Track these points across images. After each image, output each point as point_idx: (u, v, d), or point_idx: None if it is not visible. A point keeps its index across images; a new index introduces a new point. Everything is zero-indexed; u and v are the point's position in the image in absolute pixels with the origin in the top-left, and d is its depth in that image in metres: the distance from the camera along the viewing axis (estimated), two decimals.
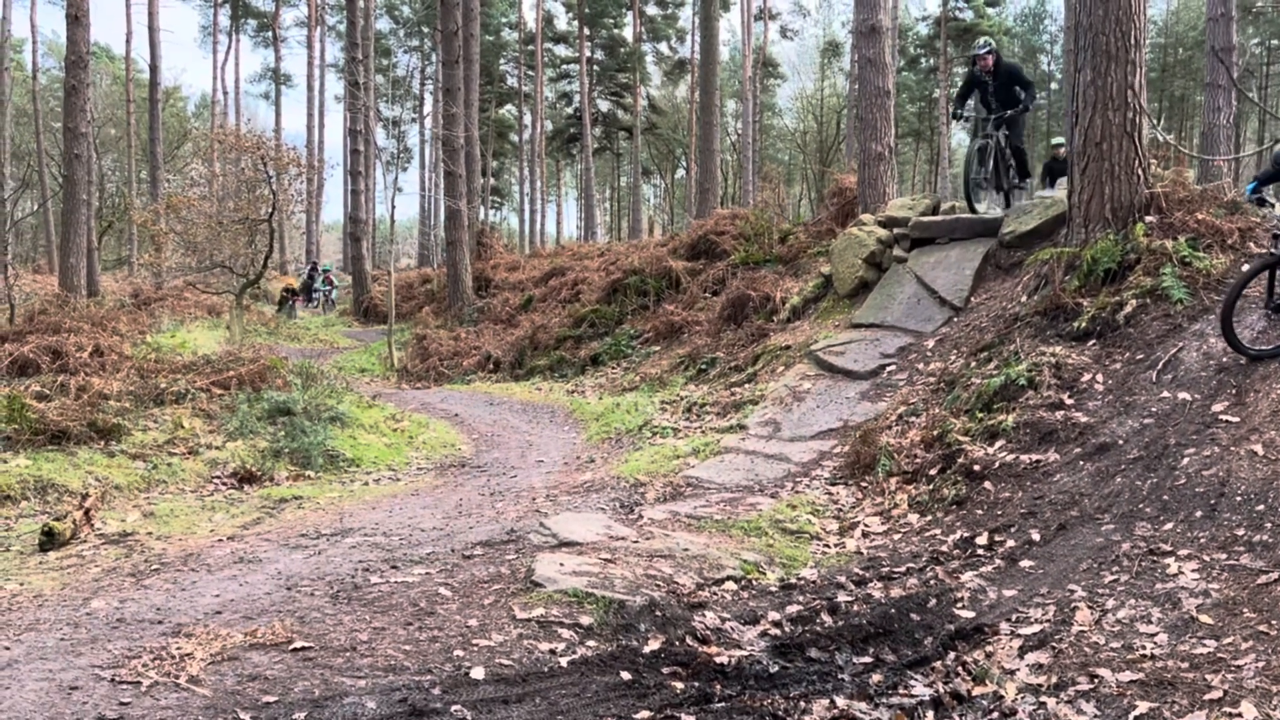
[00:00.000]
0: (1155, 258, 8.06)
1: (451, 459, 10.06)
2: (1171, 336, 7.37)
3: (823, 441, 8.74)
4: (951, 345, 9.30)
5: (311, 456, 9.13)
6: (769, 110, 55.86)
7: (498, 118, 55.02)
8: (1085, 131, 8.80)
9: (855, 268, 11.39)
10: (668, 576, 5.65)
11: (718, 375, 11.67)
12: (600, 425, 11.03)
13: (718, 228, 16.44)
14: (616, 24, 52.79)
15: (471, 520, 7.13)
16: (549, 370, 15.16)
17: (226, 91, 48.65)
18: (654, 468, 8.56)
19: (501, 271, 21.95)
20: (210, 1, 46.34)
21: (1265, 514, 5.31)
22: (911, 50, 50.79)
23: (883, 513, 7.10)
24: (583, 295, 17.20)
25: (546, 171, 60.50)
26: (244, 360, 10.84)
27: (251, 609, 4.84)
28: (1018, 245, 10.03)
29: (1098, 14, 8.71)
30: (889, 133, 14.19)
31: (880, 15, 14.27)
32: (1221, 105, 17.95)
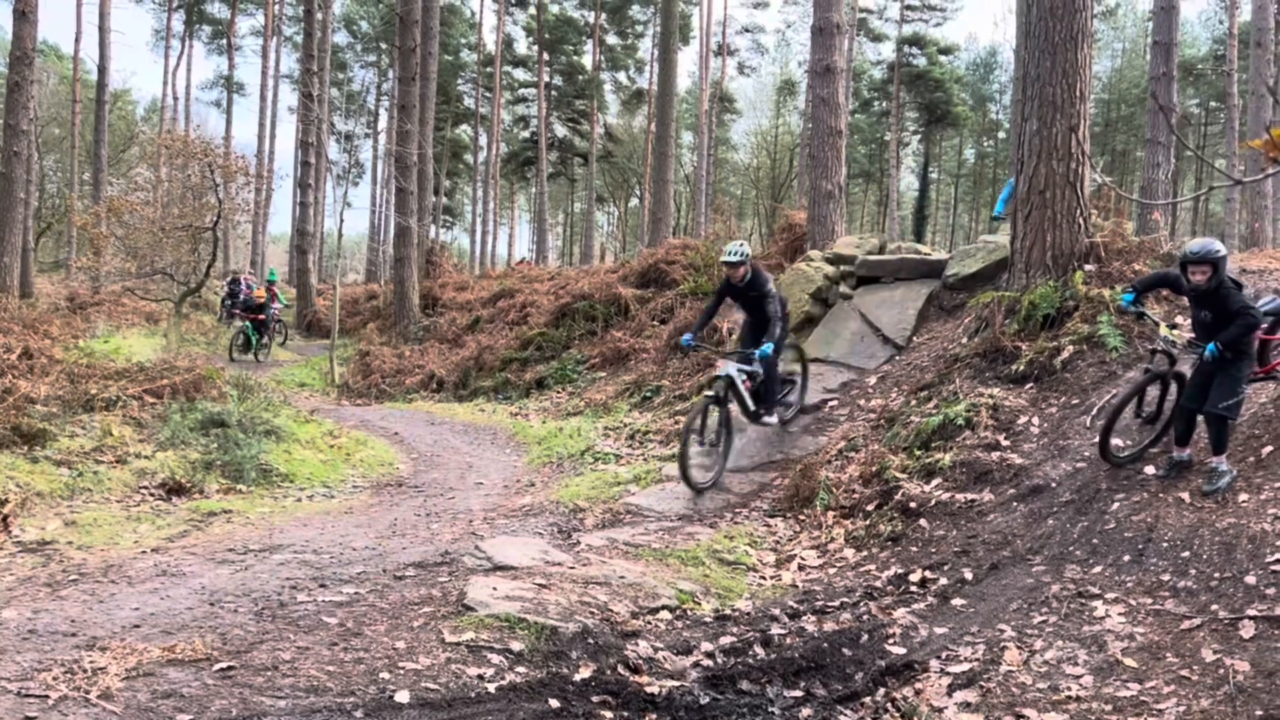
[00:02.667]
0: (1093, 305, 8.23)
1: (389, 478, 9.91)
2: (1106, 383, 7.53)
3: (763, 474, 8.76)
4: (893, 383, 9.40)
5: (244, 470, 8.93)
6: (724, 144, 56.43)
7: (453, 137, 54.84)
8: (1030, 179, 9.00)
9: (802, 303, 11.49)
10: (603, 604, 5.60)
11: (662, 403, 11.67)
12: (542, 449, 10.95)
13: (668, 257, 16.50)
14: (576, 51, 53.03)
15: (405, 541, 7.02)
16: (493, 392, 15.05)
17: (177, 97, 47.91)
18: (594, 494, 8.51)
19: (450, 291, 21.79)
20: (164, 5, 45.68)
21: (1190, 560, 5.42)
22: (865, 93, 51.70)
23: (819, 546, 7.12)
24: (531, 318, 17.13)
25: (500, 193, 60.40)
26: (179, 369, 10.60)
27: (172, 624, 4.70)
28: (961, 287, 10.20)
29: (1045, 65, 8.94)
30: (840, 171, 14.38)
31: (835, 57, 14.50)
32: (1161, 161, 18.49)
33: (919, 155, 54.13)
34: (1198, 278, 5.86)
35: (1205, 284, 5.86)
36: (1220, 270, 5.85)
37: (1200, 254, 5.81)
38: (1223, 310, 5.89)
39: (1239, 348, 5.86)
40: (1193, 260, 5.84)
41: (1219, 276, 5.86)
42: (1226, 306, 5.87)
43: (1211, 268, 5.80)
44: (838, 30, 14.57)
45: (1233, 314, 5.85)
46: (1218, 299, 5.91)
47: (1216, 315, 5.93)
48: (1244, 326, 5.81)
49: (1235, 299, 5.90)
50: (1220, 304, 5.90)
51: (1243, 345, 5.88)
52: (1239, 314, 5.83)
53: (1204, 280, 5.84)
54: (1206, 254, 5.80)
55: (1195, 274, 5.86)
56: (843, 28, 15.01)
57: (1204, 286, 5.87)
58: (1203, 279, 5.85)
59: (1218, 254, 5.80)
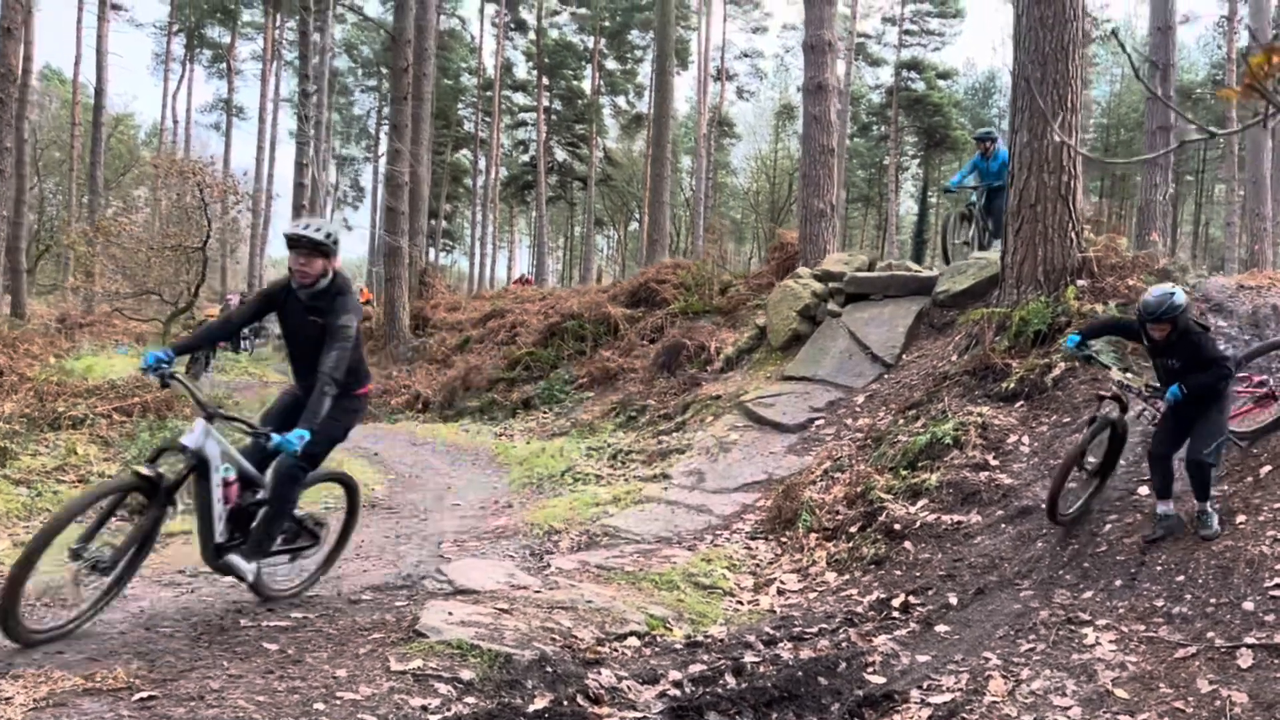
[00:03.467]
0: (1085, 321, 7.97)
1: (363, 499, 9.61)
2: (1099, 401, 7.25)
3: (746, 494, 8.48)
4: (881, 401, 9.14)
5: None
6: (724, 168, 56.41)
7: (453, 161, 54.86)
8: (1020, 193, 8.78)
9: (789, 320, 11.25)
10: (566, 630, 5.31)
11: (647, 423, 11.40)
12: (523, 470, 10.66)
13: (659, 276, 16.29)
14: (575, 76, 53.13)
15: (369, 563, 6.74)
16: (479, 412, 14.78)
17: (177, 120, 47.99)
18: (571, 515, 8.22)
19: (441, 311, 21.56)
20: (165, 30, 45.82)
21: (1185, 585, 5.14)
22: (864, 117, 51.70)
23: (800, 570, 6.83)
24: (520, 338, 16.88)
25: (500, 217, 60.34)
26: (151, 387, 10.33)
27: (99, 650, 4.41)
28: (951, 304, 9.95)
29: (1036, 76, 8.74)
30: (832, 190, 14.18)
31: (827, 74, 14.34)
32: (1159, 182, 18.30)
33: (918, 179, 54.07)
34: (1157, 334, 5.52)
35: (1166, 339, 5.52)
36: (1180, 322, 5.46)
37: (1157, 313, 5.41)
38: (1193, 358, 5.51)
39: (1215, 393, 5.49)
40: (1150, 319, 5.47)
41: (1180, 328, 5.48)
42: (1197, 354, 5.50)
43: (1170, 324, 5.43)
44: (829, 48, 14.41)
45: (1204, 362, 5.47)
46: (1186, 347, 5.53)
47: (1185, 362, 5.53)
48: (1217, 377, 5.44)
49: (1206, 347, 5.54)
50: (1189, 351, 5.52)
51: (1219, 390, 5.51)
52: (1212, 363, 5.46)
53: (1164, 337, 5.51)
54: (1164, 312, 5.39)
55: (1155, 331, 5.51)
56: (834, 45, 14.86)
57: (1165, 342, 5.54)
58: (1162, 335, 5.51)
59: (1177, 309, 5.39)
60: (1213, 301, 8.20)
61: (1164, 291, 5.46)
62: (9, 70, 15.14)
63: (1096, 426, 5.84)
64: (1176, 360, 5.55)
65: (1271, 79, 1.37)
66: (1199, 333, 5.58)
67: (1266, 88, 1.34)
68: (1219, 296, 8.28)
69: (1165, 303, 5.37)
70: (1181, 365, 5.53)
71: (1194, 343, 5.50)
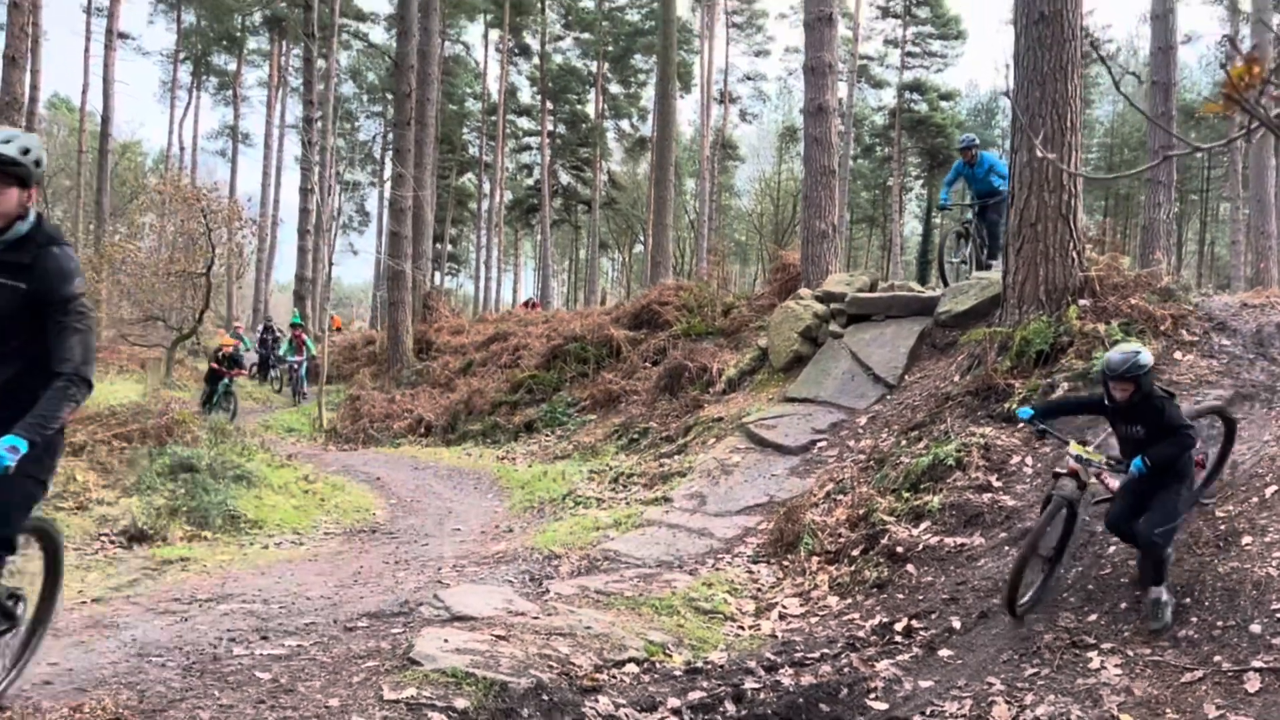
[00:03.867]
0: (1088, 341, 7.93)
1: (363, 524, 9.58)
2: (1102, 421, 7.17)
3: (748, 517, 8.40)
4: (883, 423, 9.07)
5: (210, 516, 8.62)
6: (728, 190, 56.53)
7: (458, 185, 55.06)
8: (1021, 212, 8.75)
9: (791, 341, 11.20)
10: (563, 656, 5.24)
11: (649, 445, 11.34)
12: (525, 493, 10.62)
13: (661, 298, 16.27)
14: (580, 100, 53.37)
15: (366, 590, 6.68)
16: (481, 435, 14.74)
17: (184, 147, 48.30)
18: (572, 539, 8.15)
19: (445, 335, 21.57)
20: (171, 58, 46.18)
21: (1191, 608, 5.06)
22: (867, 139, 51.83)
23: (802, 594, 6.76)
24: (523, 360, 16.87)
25: (505, 240, 60.50)
26: (151, 413, 10.32)
27: (88, 680, 4.37)
28: (953, 324, 9.90)
29: (1035, 96, 8.73)
30: (833, 211, 14.16)
31: (827, 96, 14.35)
32: (1162, 201, 18.27)
33: (921, 199, 54.10)
34: (1120, 394, 5.18)
35: (1129, 400, 5.18)
36: (1145, 384, 5.14)
37: (1120, 370, 5.10)
38: (1156, 425, 5.16)
39: (1177, 467, 5.14)
40: (1114, 378, 5.14)
41: (1144, 390, 5.15)
42: (1160, 421, 5.15)
43: (1134, 384, 5.11)
44: (830, 70, 14.43)
45: (1167, 430, 5.12)
46: (1149, 412, 5.18)
47: (1149, 430, 5.19)
48: (1179, 445, 5.10)
49: (1170, 414, 5.17)
50: (1152, 418, 5.18)
51: (1181, 465, 5.16)
52: (1176, 432, 5.10)
53: (1126, 397, 5.16)
54: (1128, 370, 5.08)
55: (1117, 390, 5.18)
56: (835, 68, 14.88)
57: (1127, 403, 5.20)
58: (1125, 396, 5.16)
59: (1141, 369, 5.09)
60: (1216, 320, 8.14)
61: (1129, 349, 5.23)
62: (14, 99, 15.26)
63: (1053, 508, 5.34)
64: (1140, 427, 5.24)
65: (1253, 91, 1.34)
66: (1163, 398, 5.26)
67: (1247, 99, 1.30)
68: (1222, 315, 8.23)
69: (1130, 361, 5.12)
70: (1146, 433, 5.21)
71: (1157, 408, 5.18)
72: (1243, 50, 1.45)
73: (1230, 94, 1.25)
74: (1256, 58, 1.32)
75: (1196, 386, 7.26)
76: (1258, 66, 1.32)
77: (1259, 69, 1.32)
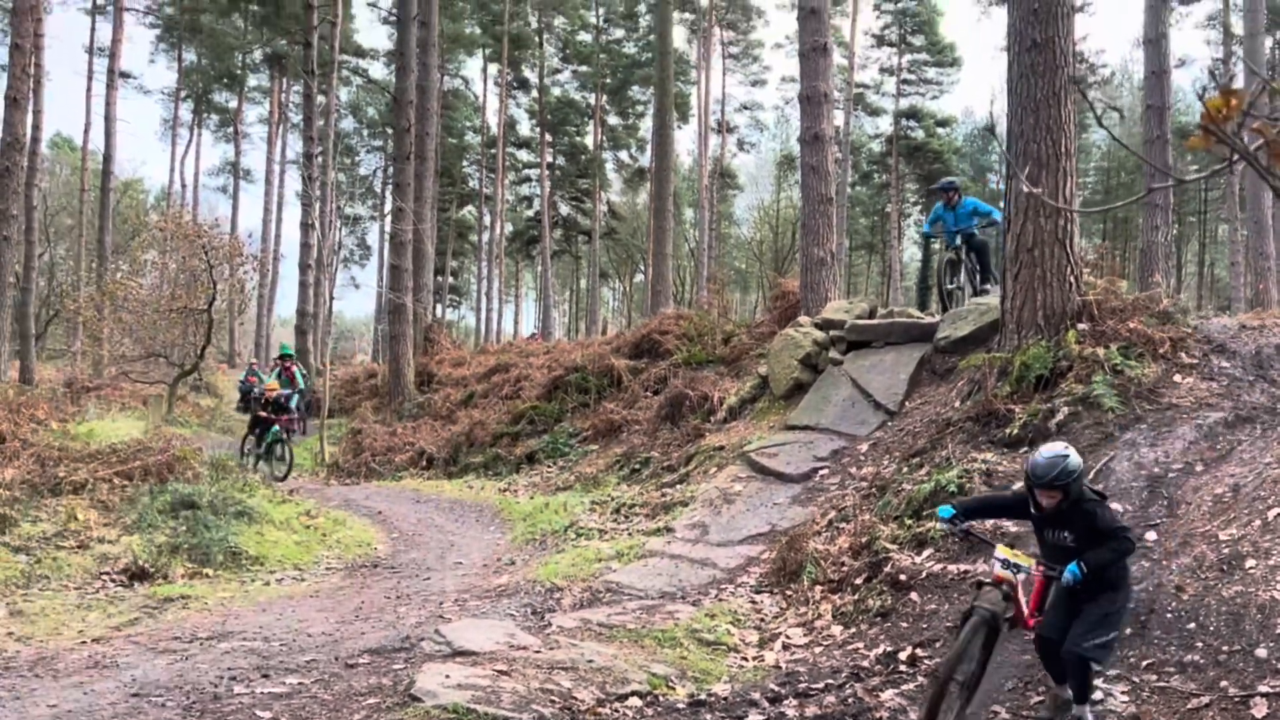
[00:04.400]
0: (1087, 365, 7.92)
1: (365, 558, 9.55)
2: (1103, 445, 7.18)
3: (751, 546, 8.37)
4: (885, 450, 9.06)
5: (211, 553, 8.60)
6: (727, 219, 56.75)
7: (459, 218, 55.31)
8: (1017, 238, 8.77)
9: (791, 369, 11.21)
10: (565, 691, 5.21)
11: (650, 475, 11.32)
12: (527, 526, 10.58)
13: (662, 327, 16.30)
14: (579, 132, 53.72)
15: (367, 625, 6.65)
16: (483, 468, 14.71)
17: (185, 184, 48.51)
18: (574, 571, 8.12)
19: (446, 367, 21.59)
20: (173, 96, 46.56)
21: (1196, 633, 5.03)
22: (865, 166, 52.07)
23: (806, 624, 6.72)
24: (524, 392, 16.87)
25: (506, 272, 60.68)
26: (153, 450, 10.32)
27: None
28: (953, 350, 9.90)
29: (1029, 123, 8.78)
30: (831, 238, 14.20)
31: (823, 125, 14.44)
32: (1159, 224, 18.36)
33: (920, 225, 54.26)
34: (1047, 502, 4.61)
35: (1056, 508, 4.63)
36: (1073, 490, 4.58)
37: (1047, 478, 4.53)
38: (1088, 530, 4.59)
39: (1113, 575, 4.58)
40: (1039, 485, 4.58)
41: (1073, 496, 4.58)
42: (1093, 525, 4.58)
43: (1062, 491, 4.55)
44: (825, 99, 14.53)
45: (1101, 535, 4.55)
46: (1079, 517, 4.61)
47: (1080, 536, 4.60)
48: (1118, 551, 4.54)
49: (1103, 517, 4.61)
50: (1083, 522, 4.61)
51: (1118, 573, 4.61)
52: (1111, 536, 4.55)
53: (1054, 504, 4.61)
54: (1055, 478, 4.52)
55: (1044, 497, 4.60)
56: (830, 97, 14.98)
57: (1055, 511, 4.65)
58: (1052, 503, 4.60)
59: (1070, 474, 4.53)
60: (1215, 342, 8.14)
61: (1055, 454, 4.63)
62: (16, 139, 15.41)
63: (973, 627, 4.65)
64: (1069, 534, 4.66)
65: (1230, 122, 1.35)
66: (1094, 501, 4.69)
67: (1225, 131, 1.31)
68: (1221, 337, 8.23)
69: (1057, 467, 4.54)
70: (1076, 540, 4.63)
71: (1088, 512, 4.61)
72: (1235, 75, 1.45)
73: (1207, 126, 1.26)
74: (1233, 90, 1.33)
75: (1197, 409, 7.25)
76: (1235, 99, 1.33)
77: (1236, 101, 1.33)
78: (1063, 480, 4.53)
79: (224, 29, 43.57)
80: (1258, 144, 1.38)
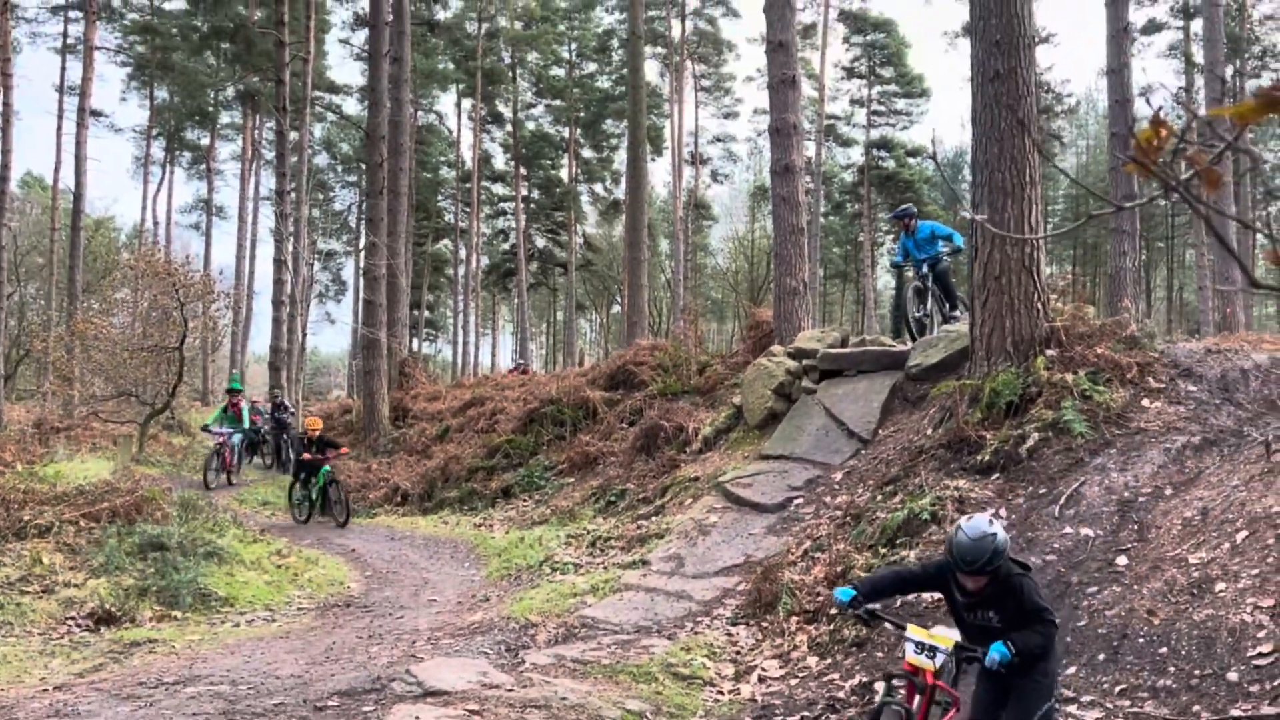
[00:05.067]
0: (1056, 391, 7.97)
1: (337, 598, 9.43)
2: (1073, 470, 7.21)
3: (726, 578, 8.33)
4: (858, 478, 9.06)
5: (180, 595, 8.47)
6: (702, 250, 56.98)
7: (434, 251, 55.29)
8: (985, 265, 8.84)
9: (765, 398, 11.22)
10: None
11: (626, 508, 11.26)
12: (502, 561, 10.49)
13: (637, 358, 16.28)
14: (553, 165, 53.93)
15: (338, 666, 6.55)
16: (458, 503, 14.60)
17: (158, 221, 48.13)
18: (548, 607, 8.05)
19: (421, 401, 21.45)
20: (144, 134, 46.38)
21: (1168, 657, 5.03)
22: (837, 196, 52.50)
23: (782, 655, 6.68)
24: (499, 425, 16.77)
25: (482, 305, 60.60)
26: (121, 491, 10.17)
27: None
28: (924, 378, 9.95)
29: (993, 152, 8.88)
30: (803, 268, 14.28)
31: (794, 156, 14.55)
32: (1127, 249, 18.58)
33: (893, 254, 54.71)
34: (973, 586, 4.23)
35: (981, 592, 4.24)
36: (1002, 569, 4.19)
37: (978, 563, 4.12)
38: (1017, 607, 4.20)
39: (1041, 658, 4.17)
40: (966, 569, 4.16)
41: (1001, 576, 4.20)
42: (1020, 603, 4.18)
43: (991, 576, 4.17)
44: (795, 130, 14.66)
45: (1028, 614, 4.16)
46: (1007, 594, 4.21)
47: (1007, 617, 4.22)
48: (1046, 636, 4.14)
49: (1029, 594, 4.19)
50: (1012, 599, 4.21)
51: (1046, 656, 4.20)
52: (1035, 616, 4.15)
53: (979, 589, 4.22)
54: (986, 563, 4.12)
55: (969, 582, 4.22)
56: (800, 128, 15.12)
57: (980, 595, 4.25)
58: (978, 588, 4.22)
59: (999, 558, 4.15)
60: (1182, 367, 8.22)
61: (981, 533, 4.16)
62: None
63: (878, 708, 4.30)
64: (995, 613, 4.27)
65: (1161, 154, 1.36)
66: (1020, 575, 4.27)
67: (1155, 164, 1.33)
68: (1188, 361, 8.31)
69: (986, 550, 4.12)
70: (1002, 620, 4.24)
71: (1015, 588, 4.21)
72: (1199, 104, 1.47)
73: (1138, 159, 1.27)
74: (1163, 121, 1.35)
75: (1165, 433, 7.31)
76: (1164, 130, 1.34)
77: (1165, 132, 1.34)
78: (994, 564, 4.14)
79: (196, 67, 43.49)
80: (1190, 174, 1.40)
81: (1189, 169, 1.36)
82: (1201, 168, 1.34)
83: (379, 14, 22.03)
